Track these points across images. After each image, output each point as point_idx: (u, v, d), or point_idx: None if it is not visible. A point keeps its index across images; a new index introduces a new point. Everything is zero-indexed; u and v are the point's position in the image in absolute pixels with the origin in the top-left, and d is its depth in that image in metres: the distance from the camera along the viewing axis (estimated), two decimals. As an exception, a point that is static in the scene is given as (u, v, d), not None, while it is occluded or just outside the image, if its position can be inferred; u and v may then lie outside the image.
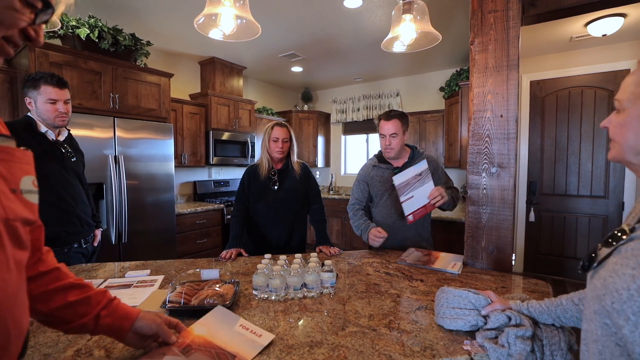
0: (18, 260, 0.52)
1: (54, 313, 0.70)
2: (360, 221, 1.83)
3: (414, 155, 1.88)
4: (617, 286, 0.54)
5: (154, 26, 3.12)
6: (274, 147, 1.82)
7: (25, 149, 0.54)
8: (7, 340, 0.48)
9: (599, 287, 0.58)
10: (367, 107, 5.17)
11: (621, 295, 0.53)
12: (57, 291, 0.70)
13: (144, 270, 1.46)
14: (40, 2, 0.46)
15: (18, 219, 0.50)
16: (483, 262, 1.51)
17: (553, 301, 0.86)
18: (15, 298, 0.50)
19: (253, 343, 0.83)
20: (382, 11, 2.78)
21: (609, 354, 0.56)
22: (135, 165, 2.86)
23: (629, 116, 0.60)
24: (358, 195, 1.94)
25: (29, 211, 0.53)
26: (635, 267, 0.53)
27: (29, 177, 0.53)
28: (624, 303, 0.52)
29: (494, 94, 1.46)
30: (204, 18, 1.26)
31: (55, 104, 1.63)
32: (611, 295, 0.55)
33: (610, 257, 0.59)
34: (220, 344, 0.81)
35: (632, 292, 0.51)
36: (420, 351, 0.83)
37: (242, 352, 0.78)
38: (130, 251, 2.81)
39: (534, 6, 1.67)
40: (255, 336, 0.85)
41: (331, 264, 1.22)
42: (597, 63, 3.48)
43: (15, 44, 0.48)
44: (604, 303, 0.56)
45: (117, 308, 0.76)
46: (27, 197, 0.52)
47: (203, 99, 3.93)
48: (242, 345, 0.81)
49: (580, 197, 3.65)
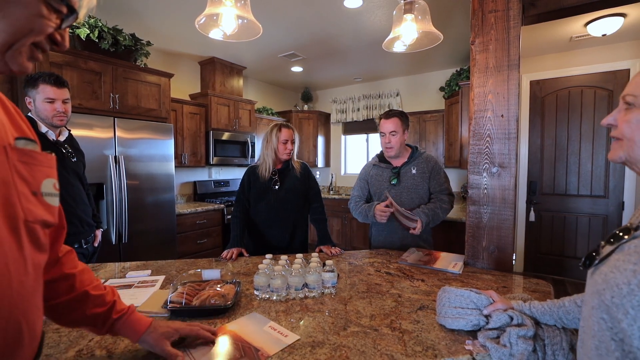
0: (36, 263, 0.52)
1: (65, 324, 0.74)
2: (363, 206, 1.88)
3: (414, 155, 1.89)
4: (617, 281, 0.54)
5: (154, 26, 3.11)
6: (283, 149, 1.83)
7: (49, 153, 0.55)
8: (20, 344, 0.48)
9: (600, 282, 0.58)
10: (367, 107, 5.17)
11: (621, 290, 0.53)
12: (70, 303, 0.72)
13: (145, 271, 1.46)
14: (66, 7, 0.47)
15: (37, 221, 0.51)
16: (484, 262, 1.51)
17: (555, 302, 0.86)
18: (30, 301, 0.50)
19: (278, 341, 0.88)
20: (382, 11, 2.78)
21: (605, 349, 0.56)
22: (135, 165, 2.86)
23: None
24: (358, 193, 1.98)
25: (49, 214, 0.53)
26: (637, 262, 0.53)
27: (50, 180, 0.54)
28: (623, 297, 0.53)
29: (494, 94, 1.46)
30: (205, 18, 1.26)
31: (54, 103, 1.63)
32: (611, 290, 0.55)
33: (612, 254, 0.59)
34: (248, 339, 0.89)
35: (633, 286, 0.52)
36: (422, 351, 0.83)
37: (266, 347, 0.85)
38: (131, 251, 2.81)
39: (533, 6, 1.68)
40: (281, 336, 0.91)
41: (332, 264, 1.22)
42: (597, 63, 3.48)
43: (43, 49, 0.49)
44: (604, 297, 0.56)
45: (126, 323, 0.77)
46: (48, 200, 0.53)
47: (203, 99, 3.92)
48: (267, 342, 0.88)
49: (580, 197, 3.65)
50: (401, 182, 1.85)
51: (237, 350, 0.84)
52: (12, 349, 0.47)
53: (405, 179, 1.85)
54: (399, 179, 1.86)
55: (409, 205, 1.79)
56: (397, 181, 1.86)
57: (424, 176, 1.85)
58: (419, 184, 1.83)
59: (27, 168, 0.50)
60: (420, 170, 1.85)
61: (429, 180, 1.86)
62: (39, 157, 0.53)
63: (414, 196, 1.84)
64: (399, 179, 1.86)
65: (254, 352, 0.83)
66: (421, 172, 1.85)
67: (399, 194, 1.84)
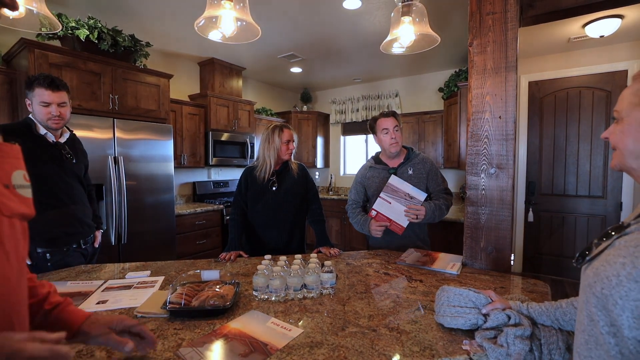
0: (19, 257, 0.52)
1: None
2: (359, 217, 1.90)
3: (410, 155, 1.90)
4: (607, 273, 0.58)
5: (153, 27, 3.12)
6: (286, 149, 1.85)
7: (12, 143, 0.53)
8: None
9: (591, 276, 0.62)
10: (366, 108, 5.18)
11: (610, 282, 0.57)
12: None
13: (145, 272, 1.46)
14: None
15: (15, 215, 0.50)
16: (482, 263, 1.51)
17: (553, 304, 0.87)
18: (17, 292, 0.50)
19: (283, 335, 0.91)
20: (381, 12, 2.79)
21: (594, 343, 0.59)
22: (134, 166, 2.86)
23: (628, 124, 0.65)
24: (355, 197, 2.00)
25: (25, 206, 0.52)
26: (626, 256, 0.57)
27: (19, 172, 0.52)
28: (612, 288, 0.57)
29: (492, 96, 1.47)
30: (204, 20, 1.27)
31: (48, 107, 1.60)
32: (601, 282, 0.59)
33: (604, 250, 0.63)
34: (254, 335, 0.91)
35: (622, 278, 0.56)
36: (420, 351, 0.84)
37: (273, 341, 0.88)
38: (130, 252, 2.81)
39: (532, 7, 1.68)
40: (285, 330, 0.94)
41: (331, 265, 1.23)
42: (595, 64, 3.49)
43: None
44: (594, 290, 0.60)
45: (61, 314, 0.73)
46: (21, 192, 0.52)
47: (202, 99, 3.93)
48: (273, 336, 0.90)
49: (578, 197, 3.66)
50: None
51: (246, 345, 0.85)
52: None
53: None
54: None
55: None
56: None
57: (420, 177, 1.86)
58: (416, 185, 1.83)
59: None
60: (417, 171, 1.86)
61: (426, 181, 1.87)
62: (4, 148, 0.51)
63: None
64: None
65: (262, 347, 0.85)
66: (418, 173, 1.86)
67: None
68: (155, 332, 0.93)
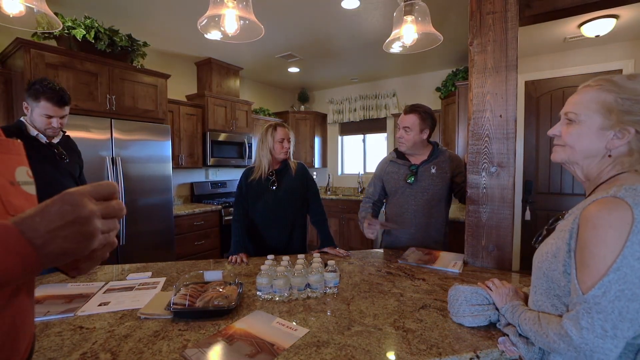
0: None
1: None
2: (363, 213, 1.88)
3: (435, 152, 1.81)
4: (541, 251, 0.79)
5: (150, 27, 3.10)
6: (280, 148, 1.82)
7: (14, 139, 0.51)
8: (16, 339, 0.48)
9: (535, 254, 0.82)
10: (364, 108, 5.19)
11: (541, 257, 0.78)
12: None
13: (146, 273, 1.45)
14: None
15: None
16: (483, 261, 1.52)
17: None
18: (20, 295, 0.50)
19: (289, 335, 0.91)
20: (379, 12, 2.79)
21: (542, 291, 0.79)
22: (132, 166, 2.84)
23: (587, 127, 0.74)
24: (371, 192, 1.96)
25: (29, 204, 0.50)
26: (554, 237, 0.75)
27: (22, 168, 0.51)
28: (543, 262, 0.77)
29: (492, 94, 1.48)
30: (207, 20, 1.26)
31: (50, 119, 1.64)
32: (539, 258, 0.79)
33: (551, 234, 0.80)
34: (260, 336, 0.90)
35: (548, 254, 0.75)
36: (427, 349, 0.84)
37: (280, 341, 0.87)
38: (128, 253, 2.79)
39: (529, 7, 1.69)
40: (291, 330, 0.94)
41: (334, 264, 1.22)
42: (591, 63, 3.52)
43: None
44: (535, 262, 0.81)
45: None
46: (25, 189, 0.50)
47: (200, 99, 3.91)
48: (279, 336, 0.90)
49: (575, 196, 3.69)
50: (418, 182, 1.77)
51: (252, 346, 0.85)
52: (10, 345, 0.46)
53: (422, 179, 1.77)
54: (416, 178, 1.77)
55: (423, 206, 1.77)
56: (413, 180, 1.77)
57: (444, 177, 1.76)
58: (437, 185, 1.75)
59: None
60: (440, 170, 1.77)
61: (450, 180, 1.78)
62: (6, 144, 0.49)
63: (430, 198, 1.76)
64: (416, 178, 1.77)
65: (269, 347, 0.84)
66: (441, 172, 1.76)
67: (414, 193, 1.78)
68: (160, 333, 0.93)
